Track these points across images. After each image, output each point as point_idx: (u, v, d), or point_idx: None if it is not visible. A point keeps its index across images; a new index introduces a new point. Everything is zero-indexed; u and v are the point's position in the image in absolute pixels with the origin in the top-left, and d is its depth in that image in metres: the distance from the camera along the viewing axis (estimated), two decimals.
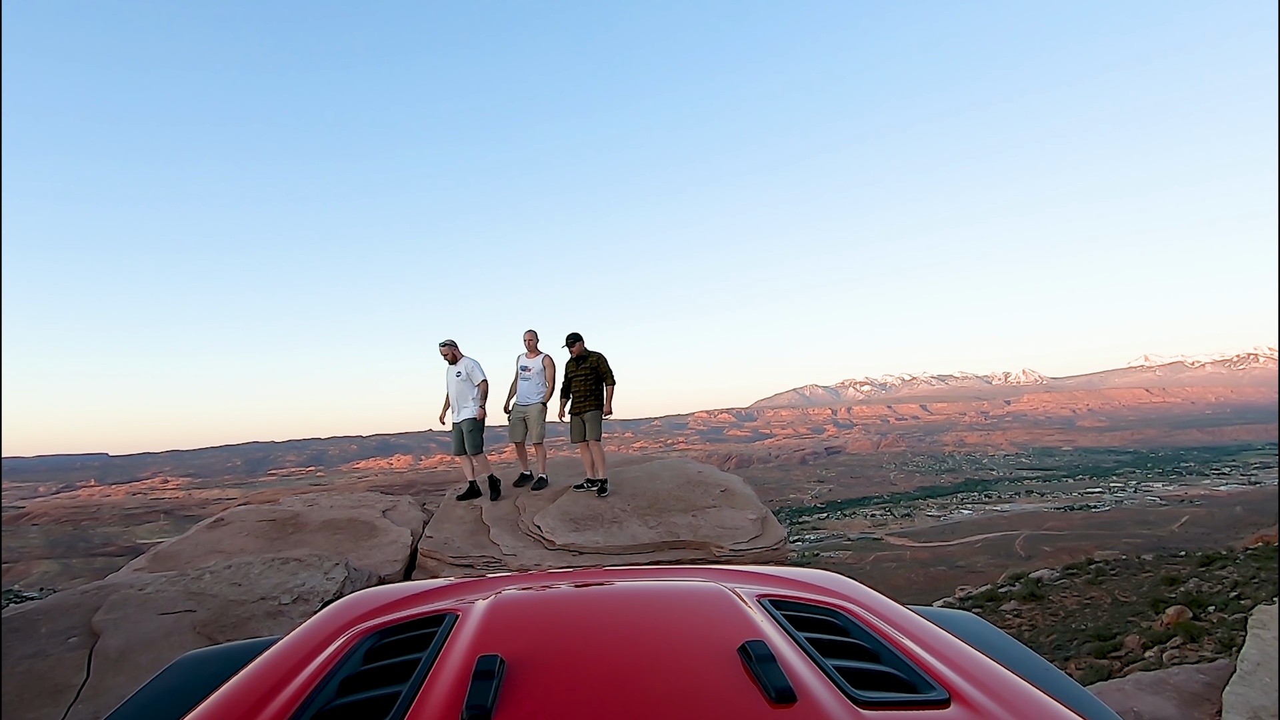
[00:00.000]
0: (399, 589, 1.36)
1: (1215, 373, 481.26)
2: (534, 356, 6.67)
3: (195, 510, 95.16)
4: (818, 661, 0.85)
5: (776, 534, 5.56)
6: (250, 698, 0.89)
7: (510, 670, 0.80)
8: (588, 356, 6.47)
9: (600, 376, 6.42)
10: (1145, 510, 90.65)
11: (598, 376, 6.43)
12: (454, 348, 6.48)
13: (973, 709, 0.77)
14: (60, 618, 3.65)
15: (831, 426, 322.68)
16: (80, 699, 3.03)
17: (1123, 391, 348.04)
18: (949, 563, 66.78)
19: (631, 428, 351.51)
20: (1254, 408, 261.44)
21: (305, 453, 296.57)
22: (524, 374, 6.62)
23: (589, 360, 6.45)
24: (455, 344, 6.51)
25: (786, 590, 1.23)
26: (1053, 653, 9.88)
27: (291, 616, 3.86)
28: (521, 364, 6.66)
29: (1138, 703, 4.22)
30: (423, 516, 6.66)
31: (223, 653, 1.30)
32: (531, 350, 6.70)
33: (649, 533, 5.47)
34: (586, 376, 6.43)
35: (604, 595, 1.20)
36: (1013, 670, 0.92)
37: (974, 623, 1.39)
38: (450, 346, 6.47)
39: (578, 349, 6.48)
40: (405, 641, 1.01)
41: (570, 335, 6.47)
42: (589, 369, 6.43)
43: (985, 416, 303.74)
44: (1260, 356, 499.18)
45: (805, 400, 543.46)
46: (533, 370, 6.61)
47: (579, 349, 6.48)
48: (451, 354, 6.45)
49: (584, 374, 6.43)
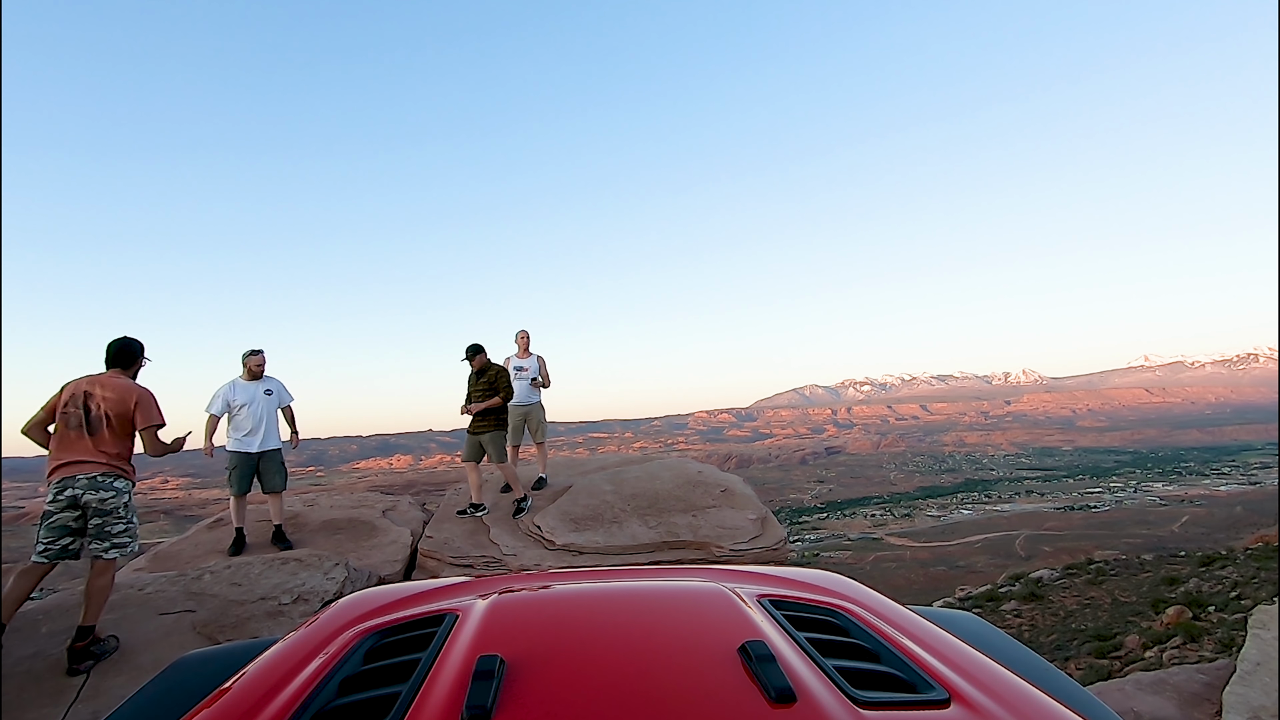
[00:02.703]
0: (399, 589, 1.36)
1: (1215, 373, 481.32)
2: (526, 356, 6.63)
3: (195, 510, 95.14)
4: (818, 661, 0.85)
5: (776, 534, 5.56)
6: (250, 698, 0.89)
7: (510, 670, 0.80)
8: (487, 370, 5.98)
9: (498, 393, 5.91)
10: (1145, 510, 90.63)
11: (497, 393, 5.91)
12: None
13: (973, 709, 0.77)
14: (60, 618, 3.65)
15: (831, 426, 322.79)
16: (80, 699, 3.03)
17: (1123, 391, 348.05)
18: (949, 563, 66.77)
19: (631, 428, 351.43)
20: (1254, 408, 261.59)
21: (305, 453, 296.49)
22: (519, 374, 6.51)
23: (489, 374, 5.95)
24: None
25: (786, 590, 1.23)
26: (1053, 653, 9.88)
27: (291, 616, 3.86)
28: (515, 364, 6.54)
29: (1138, 703, 4.22)
30: (423, 516, 6.66)
31: (223, 653, 1.30)
32: (523, 351, 6.67)
33: (649, 533, 5.47)
34: (485, 392, 5.91)
35: (604, 595, 1.20)
36: (1013, 670, 0.92)
37: (974, 623, 1.39)
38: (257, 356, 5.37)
39: (479, 362, 5.97)
40: (405, 641, 1.01)
41: (471, 346, 6.01)
42: (488, 384, 5.92)
43: (985, 416, 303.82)
44: (1260, 356, 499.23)
45: (805, 400, 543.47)
46: (528, 370, 6.56)
47: (480, 361, 5.98)
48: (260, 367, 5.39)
49: (483, 389, 5.92)
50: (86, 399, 3.43)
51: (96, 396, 3.44)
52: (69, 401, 3.41)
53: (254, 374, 5.31)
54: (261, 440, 5.25)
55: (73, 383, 3.50)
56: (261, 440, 5.25)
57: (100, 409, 3.43)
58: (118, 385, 3.52)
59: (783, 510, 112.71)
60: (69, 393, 3.45)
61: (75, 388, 3.46)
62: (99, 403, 3.43)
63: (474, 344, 6.01)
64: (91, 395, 3.44)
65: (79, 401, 3.41)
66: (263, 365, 5.37)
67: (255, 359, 5.33)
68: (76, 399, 3.42)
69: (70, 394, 3.43)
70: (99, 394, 3.45)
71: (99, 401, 3.44)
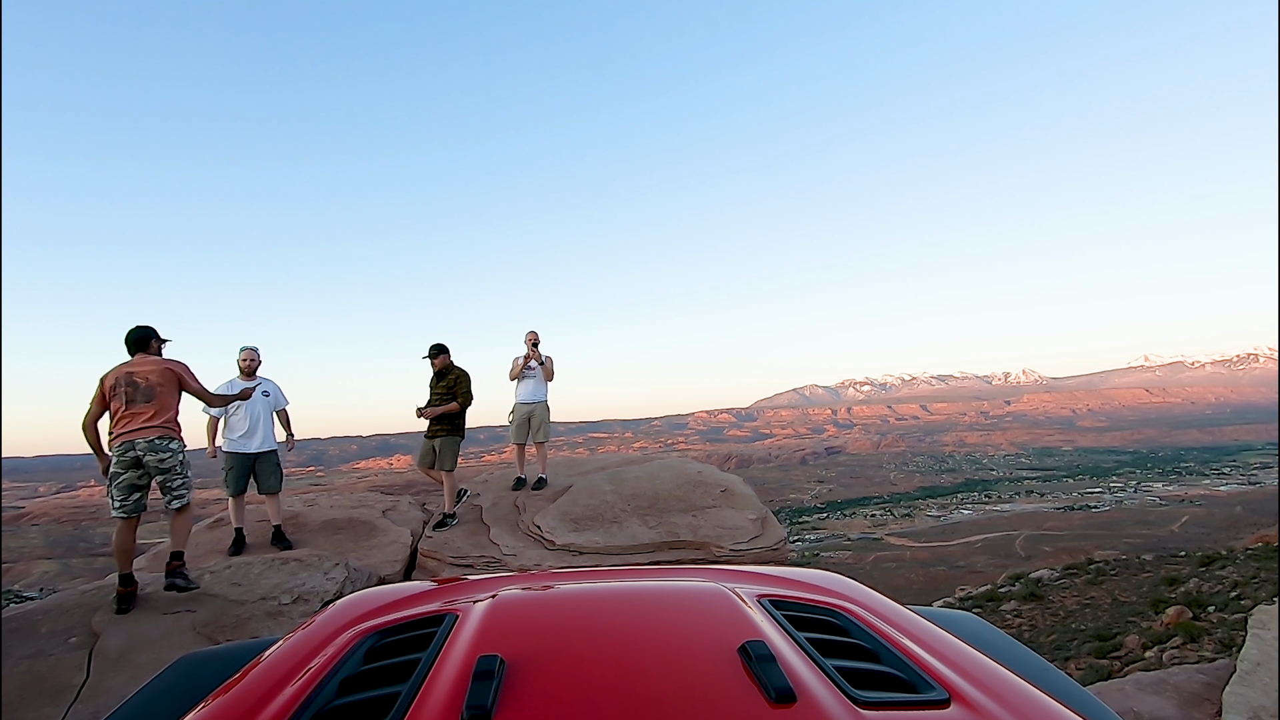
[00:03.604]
0: (399, 589, 1.36)
1: (1215, 373, 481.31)
2: (535, 356, 6.65)
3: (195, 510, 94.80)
4: (818, 661, 0.85)
5: (776, 534, 5.56)
6: (250, 698, 0.89)
7: (510, 670, 0.80)
8: (448, 373, 5.73)
9: (455, 398, 5.69)
10: (1145, 510, 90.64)
11: (454, 398, 5.68)
12: None
13: (973, 709, 0.77)
14: (60, 618, 3.65)
15: (831, 426, 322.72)
16: (80, 699, 3.03)
17: (1123, 391, 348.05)
18: (949, 563, 66.77)
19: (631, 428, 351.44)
20: (1254, 408, 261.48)
21: (305, 453, 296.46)
22: (528, 372, 6.58)
23: (449, 377, 5.70)
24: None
25: (786, 590, 1.23)
26: (1053, 653, 9.88)
27: (291, 616, 3.86)
28: (525, 365, 6.62)
29: (1138, 703, 4.22)
30: (423, 516, 6.66)
31: (223, 653, 1.30)
32: (533, 350, 6.70)
33: (649, 533, 5.47)
34: (443, 396, 5.69)
35: (604, 595, 1.20)
36: (1013, 670, 0.92)
37: (974, 623, 1.39)
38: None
39: (440, 362, 5.75)
40: (405, 641, 1.01)
41: (434, 346, 5.79)
42: (446, 388, 5.68)
43: (985, 416, 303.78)
44: (1260, 356, 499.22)
45: (805, 400, 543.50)
46: (536, 369, 6.61)
47: (442, 363, 5.75)
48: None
49: (441, 392, 5.70)
50: (131, 378, 3.91)
51: (139, 374, 3.94)
52: (115, 385, 3.87)
53: (247, 372, 5.31)
54: (259, 441, 5.26)
55: (111, 372, 3.94)
56: (259, 441, 5.26)
57: (147, 381, 3.93)
58: (153, 361, 4.06)
59: (783, 510, 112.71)
60: (113, 379, 3.90)
61: (117, 374, 3.92)
62: (144, 378, 3.93)
63: (437, 344, 5.79)
64: (134, 374, 3.93)
65: (125, 381, 3.89)
66: (255, 363, 5.35)
67: (244, 355, 5.34)
68: (121, 380, 3.89)
69: (114, 379, 3.90)
70: (140, 371, 3.95)
71: (144, 377, 3.93)
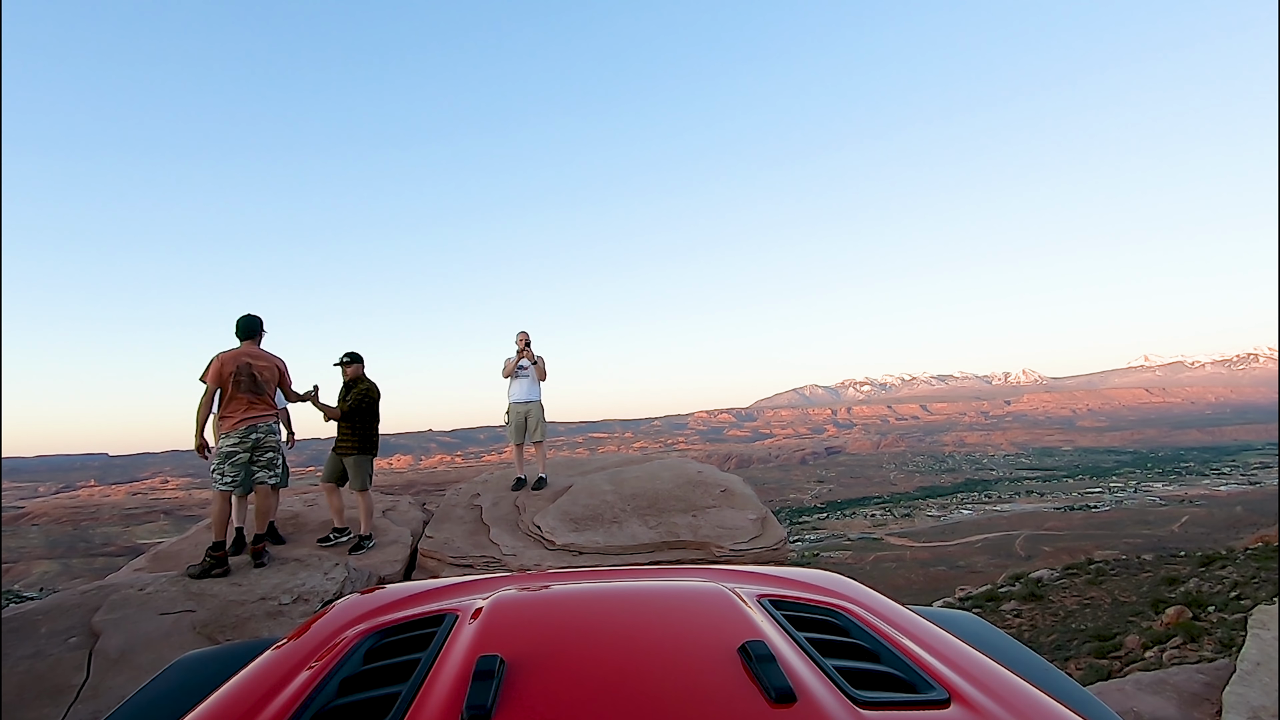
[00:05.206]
0: (399, 589, 1.36)
1: (1215, 373, 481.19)
2: (526, 356, 6.65)
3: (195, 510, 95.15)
4: (818, 661, 0.85)
5: (776, 534, 5.55)
6: (250, 698, 0.89)
7: (510, 670, 0.80)
8: (357, 383, 5.38)
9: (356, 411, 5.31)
10: (1145, 510, 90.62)
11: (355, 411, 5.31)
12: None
13: (973, 709, 0.77)
14: (60, 618, 3.65)
15: (831, 426, 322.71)
16: (80, 699, 3.03)
17: (1123, 391, 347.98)
18: (949, 563, 66.76)
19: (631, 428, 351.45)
20: (1254, 408, 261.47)
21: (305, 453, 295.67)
22: (521, 372, 6.59)
23: (356, 389, 5.33)
24: None
25: (786, 590, 1.23)
26: (1053, 653, 9.87)
27: (291, 616, 3.86)
28: (518, 363, 6.63)
29: (1138, 703, 4.22)
30: (423, 516, 6.66)
31: (223, 653, 1.31)
32: (523, 350, 6.69)
33: (649, 533, 5.46)
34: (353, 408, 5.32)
35: (604, 595, 1.20)
36: (1013, 670, 0.92)
37: (974, 623, 1.39)
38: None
39: (351, 372, 5.42)
40: (405, 642, 1.01)
41: (346, 354, 5.43)
42: (354, 400, 5.29)
43: (985, 416, 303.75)
44: (1260, 356, 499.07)
45: (805, 400, 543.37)
46: (529, 368, 6.62)
47: (353, 372, 5.42)
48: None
49: (349, 404, 5.31)
50: (251, 369, 4.40)
51: (257, 367, 4.44)
52: (237, 373, 4.35)
53: None
54: None
55: (229, 355, 4.39)
56: None
57: (263, 375, 4.46)
58: (264, 354, 4.57)
59: (783, 510, 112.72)
60: (233, 364, 4.36)
61: (236, 359, 4.39)
62: (260, 371, 4.44)
63: (349, 352, 5.45)
64: (252, 364, 4.43)
65: (245, 372, 4.38)
66: None
67: None
68: (242, 369, 4.38)
69: (235, 365, 4.36)
70: (258, 365, 4.45)
71: (259, 371, 4.44)
